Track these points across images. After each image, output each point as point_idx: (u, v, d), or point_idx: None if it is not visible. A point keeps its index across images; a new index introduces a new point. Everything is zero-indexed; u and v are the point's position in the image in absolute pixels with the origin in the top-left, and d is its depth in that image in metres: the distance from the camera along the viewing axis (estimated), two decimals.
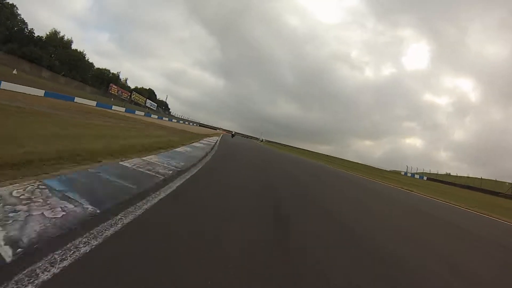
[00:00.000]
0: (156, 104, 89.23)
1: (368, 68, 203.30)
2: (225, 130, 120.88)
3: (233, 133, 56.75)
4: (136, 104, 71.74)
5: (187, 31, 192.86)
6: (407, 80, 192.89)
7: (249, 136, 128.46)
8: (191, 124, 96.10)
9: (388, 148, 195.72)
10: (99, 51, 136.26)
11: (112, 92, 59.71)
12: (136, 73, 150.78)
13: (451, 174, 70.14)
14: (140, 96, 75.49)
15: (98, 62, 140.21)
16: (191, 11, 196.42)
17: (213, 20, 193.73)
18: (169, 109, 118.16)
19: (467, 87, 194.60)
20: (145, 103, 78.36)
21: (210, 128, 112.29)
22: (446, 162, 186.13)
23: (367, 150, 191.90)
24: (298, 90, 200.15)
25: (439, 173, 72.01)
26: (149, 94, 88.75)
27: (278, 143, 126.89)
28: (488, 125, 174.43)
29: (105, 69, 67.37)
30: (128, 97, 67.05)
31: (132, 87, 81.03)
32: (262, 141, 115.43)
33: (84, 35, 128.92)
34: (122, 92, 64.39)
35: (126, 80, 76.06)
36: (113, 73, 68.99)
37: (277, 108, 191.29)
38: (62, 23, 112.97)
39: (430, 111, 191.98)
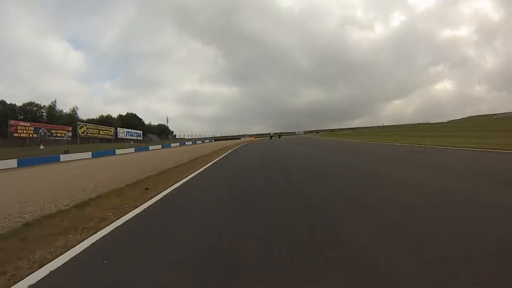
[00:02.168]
0: (141, 132, 61.29)
1: (378, 24, 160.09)
2: (252, 136, 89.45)
3: (271, 135, 49.80)
4: (92, 138, 43.84)
5: (184, 49, 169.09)
6: (421, 23, 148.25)
7: (284, 133, 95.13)
8: (198, 142, 66.61)
9: (419, 101, 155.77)
10: (110, 100, 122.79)
11: (20, 135, 31.81)
12: (152, 107, 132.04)
13: None
14: (102, 128, 47.53)
15: (112, 110, 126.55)
16: (180, 27, 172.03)
17: (206, 29, 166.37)
18: (171, 132, 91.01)
19: (487, 7, 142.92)
20: (116, 135, 50.36)
21: (230, 139, 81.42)
22: (484, 96, 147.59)
23: (399, 110, 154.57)
24: (317, 72, 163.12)
25: None
26: (126, 121, 61.40)
27: (317, 130, 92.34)
28: None
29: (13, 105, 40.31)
30: (68, 135, 39.08)
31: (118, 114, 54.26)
32: (300, 134, 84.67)
33: (89, 89, 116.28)
34: (54, 130, 36.55)
35: (73, 111, 48.71)
36: (38, 105, 41.71)
37: (301, 97, 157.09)
38: (66, 86, 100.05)
39: (454, 48, 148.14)
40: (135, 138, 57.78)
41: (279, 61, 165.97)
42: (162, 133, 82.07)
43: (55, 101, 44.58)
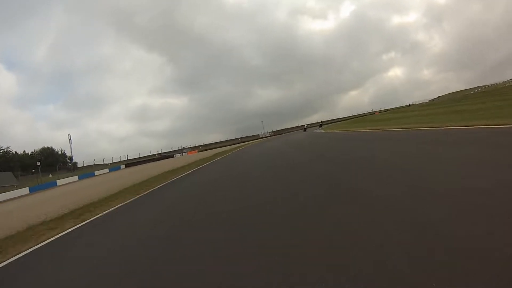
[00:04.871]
0: None
1: (331, 12, 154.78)
2: (196, 148, 66.07)
3: (305, 127, 49.71)
4: None
5: (127, 60, 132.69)
6: (371, 11, 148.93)
7: (246, 137, 73.83)
8: (107, 171, 39.93)
9: (373, 90, 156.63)
10: (56, 124, 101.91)
11: None
12: (103, 128, 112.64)
13: None
14: None
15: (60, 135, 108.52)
16: (118, 33, 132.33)
17: (147, 33, 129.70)
18: (70, 159, 59.31)
19: None
20: None
21: (157, 160, 54.56)
22: (432, 78, 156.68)
23: (355, 100, 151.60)
24: (272, 69, 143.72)
25: None
26: None
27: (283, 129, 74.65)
28: (467, 21, 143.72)
29: None
30: None
31: None
32: (266, 135, 70.46)
33: (30, 115, 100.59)
34: None
35: None
36: None
37: (258, 98, 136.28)
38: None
39: (405, 33, 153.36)
40: None
41: (230, 61, 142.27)
42: (47, 163, 49.44)
43: None
